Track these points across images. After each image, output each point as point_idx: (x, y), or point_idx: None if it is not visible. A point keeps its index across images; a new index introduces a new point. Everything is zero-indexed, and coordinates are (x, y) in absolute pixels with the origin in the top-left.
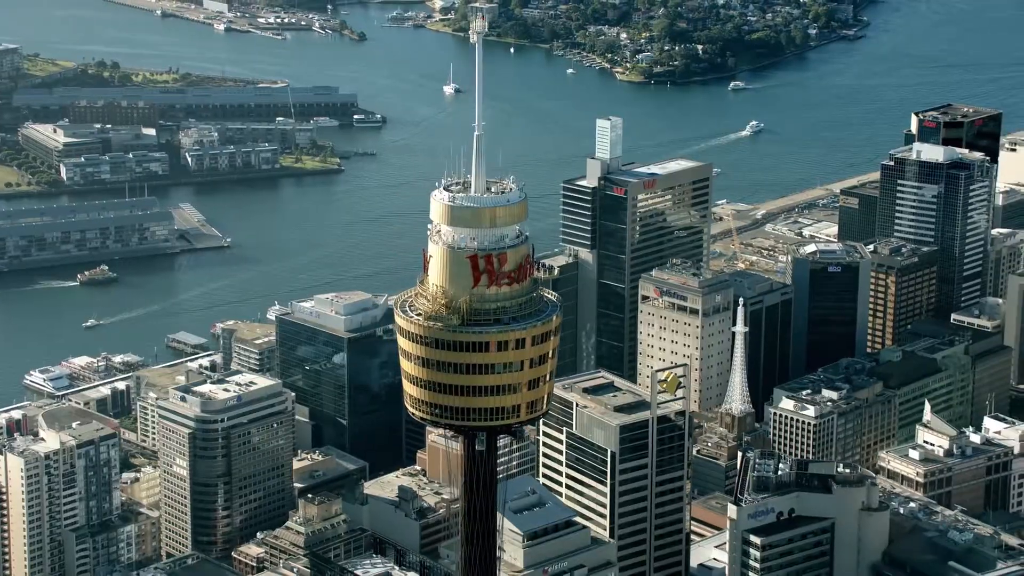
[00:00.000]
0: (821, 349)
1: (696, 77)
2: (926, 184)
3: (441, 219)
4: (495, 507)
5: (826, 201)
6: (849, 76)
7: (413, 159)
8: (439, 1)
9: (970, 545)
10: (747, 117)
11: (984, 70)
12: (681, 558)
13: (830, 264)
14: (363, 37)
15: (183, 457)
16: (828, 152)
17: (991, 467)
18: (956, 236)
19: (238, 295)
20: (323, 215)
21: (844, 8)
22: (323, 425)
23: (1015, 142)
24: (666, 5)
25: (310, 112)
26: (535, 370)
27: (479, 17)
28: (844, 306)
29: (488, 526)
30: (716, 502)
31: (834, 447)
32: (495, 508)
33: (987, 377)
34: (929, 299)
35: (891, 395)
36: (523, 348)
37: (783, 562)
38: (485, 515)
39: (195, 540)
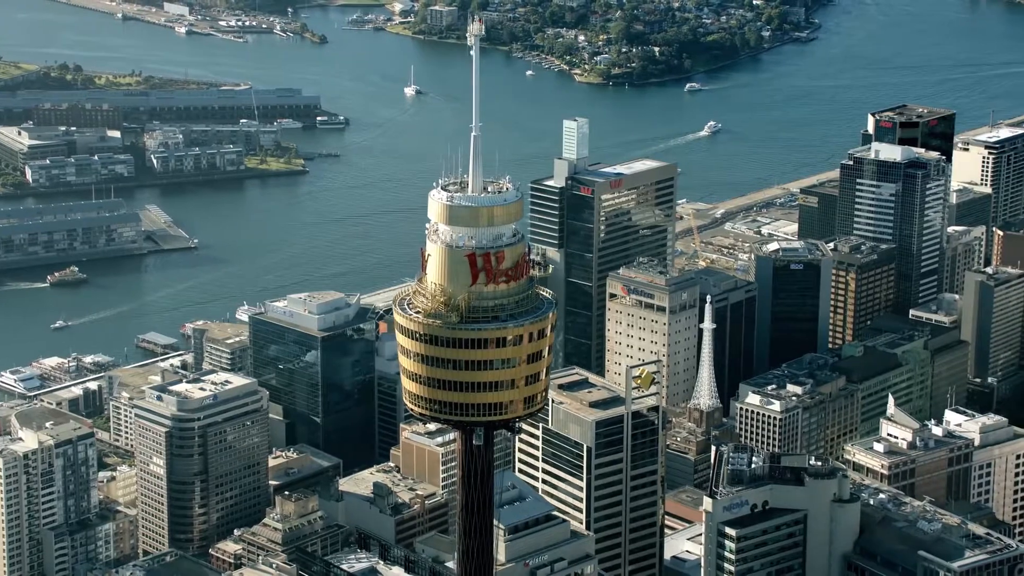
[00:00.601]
0: (784, 345)
1: (653, 79)
2: (884, 183)
3: (439, 218)
4: (492, 501)
5: (783, 200)
6: (802, 77)
7: (376, 160)
8: (398, 4)
9: (939, 535)
10: (704, 118)
11: (933, 71)
12: (655, 550)
13: (792, 262)
14: (324, 40)
15: (160, 456)
16: (784, 152)
17: (953, 459)
18: (913, 234)
19: (206, 295)
20: (288, 216)
21: (796, 11)
22: (297, 423)
23: (967, 142)
24: (623, 8)
25: (273, 114)
26: (532, 366)
27: (476, 20)
28: (806, 303)
29: (485, 519)
30: (686, 495)
31: (799, 440)
32: (492, 501)
33: (945, 371)
34: (888, 295)
35: (854, 389)
36: (520, 344)
37: (757, 553)
38: (482, 509)
39: (172, 538)
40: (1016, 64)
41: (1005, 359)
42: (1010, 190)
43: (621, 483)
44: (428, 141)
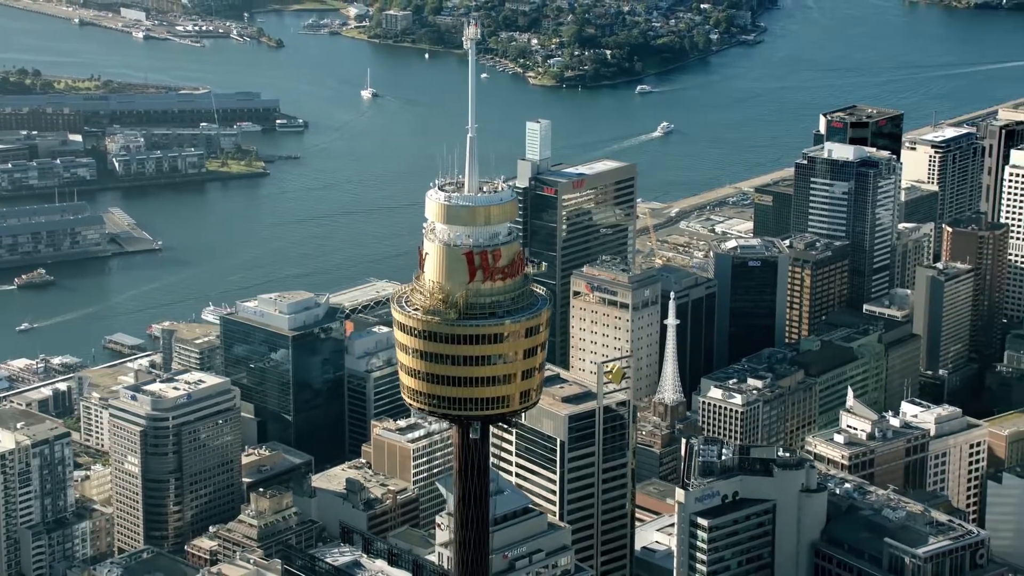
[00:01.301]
0: (743, 340)
1: (605, 81)
2: (837, 181)
3: (437, 217)
4: (488, 492)
5: (736, 199)
6: (750, 79)
7: (336, 162)
8: (353, 9)
9: (903, 522)
10: (656, 119)
11: (875, 73)
12: (626, 541)
13: (750, 259)
14: (281, 44)
15: (135, 454)
16: (734, 152)
17: (910, 448)
18: (866, 231)
19: (171, 297)
20: (250, 218)
21: (742, 14)
22: (268, 421)
23: (914, 141)
24: (574, 12)
25: (233, 117)
26: (528, 361)
27: (471, 24)
28: (764, 299)
29: (481, 511)
30: (653, 488)
31: (760, 433)
32: (488, 493)
33: (899, 364)
34: (842, 291)
35: (812, 382)
36: (517, 340)
37: (728, 543)
38: (479, 500)
39: (147, 535)
40: (954, 66)
41: (955, 352)
42: (956, 188)
43: (593, 476)
44: (386, 143)
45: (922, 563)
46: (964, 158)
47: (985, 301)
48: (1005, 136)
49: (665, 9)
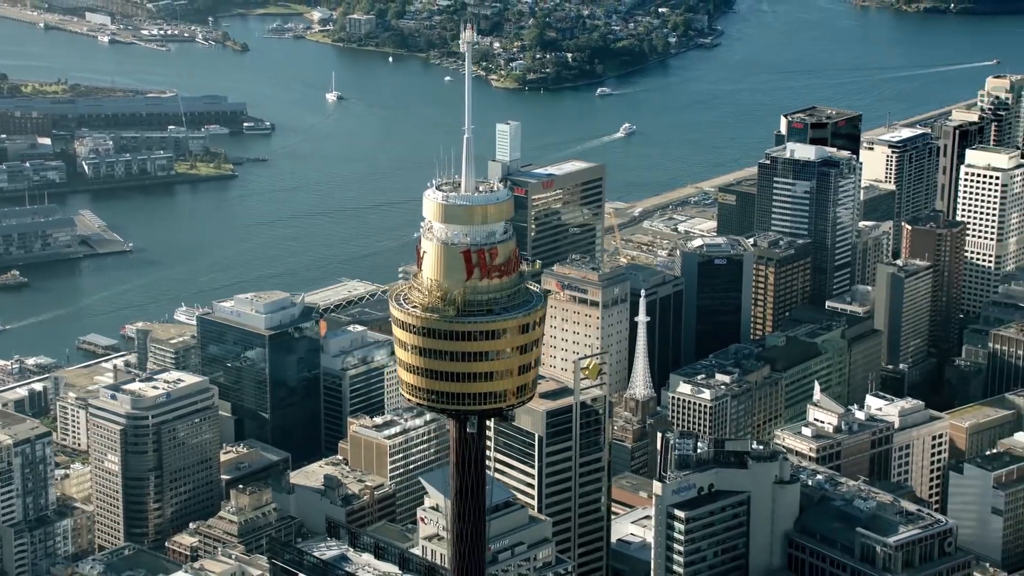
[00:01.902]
0: (709, 336)
1: (567, 83)
2: (799, 181)
3: (435, 217)
4: (484, 485)
5: (697, 198)
6: (708, 82)
7: (303, 164)
8: (317, 13)
9: (874, 512)
10: (617, 121)
11: (830, 76)
12: (603, 533)
13: (716, 257)
14: (246, 48)
15: (115, 453)
16: (694, 152)
17: (875, 441)
18: (828, 229)
19: (143, 298)
20: (220, 219)
21: (700, 18)
22: (245, 419)
23: (872, 141)
24: (535, 16)
25: (201, 120)
26: (524, 356)
27: (468, 28)
28: (729, 296)
29: (478, 504)
30: (626, 481)
31: (728, 427)
32: (484, 486)
33: (861, 359)
34: (804, 288)
35: (778, 377)
36: (513, 336)
37: (705, 534)
38: (475, 493)
39: (128, 532)
40: (905, 68)
41: (915, 346)
42: (912, 187)
43: (570, 470)
44: (352, 145)
45: (893, 551)
46: (920, 158)
47: (943, 297)
48: (959, 136)
49: (624, 13)
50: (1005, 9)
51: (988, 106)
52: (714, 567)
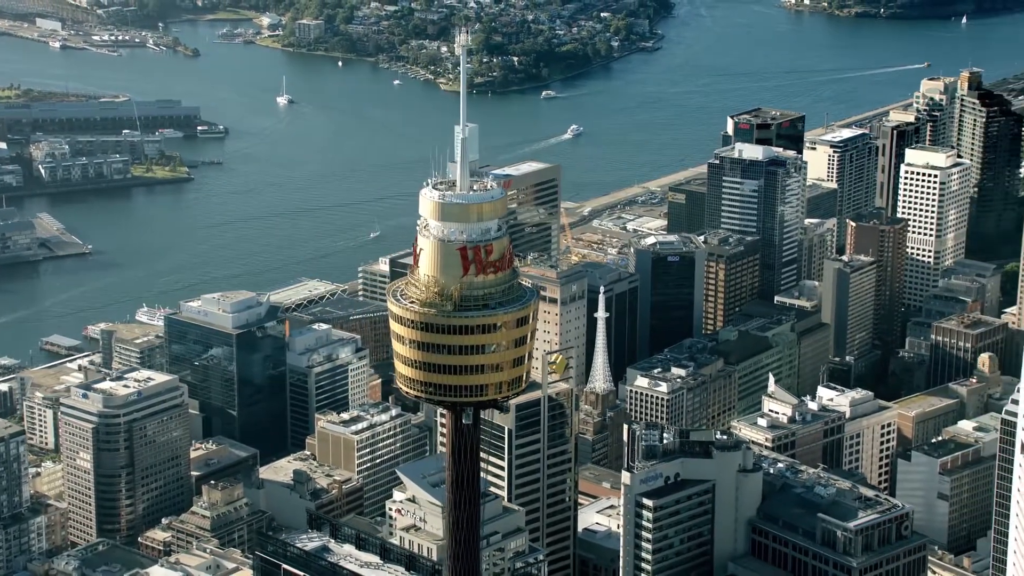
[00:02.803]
0: (663, 331)
1: (514, 87)
2: (747, 180)
3: (431, 215)
4: (479, 475)
5: (644, 198)
6: (650, 84)
7: (258, 167)
8: (266, 19)
9: (834, 498)
10: (563, 122)
11: (767, 78)
12: (570, 523)
13: (669, 255)
14: (197, 53)
15: (87, 451)
16: (640, 153)
17: (827, 430)
18: (775, 226)
19: (104, 299)
20: (178, 221)
21: (641, 23)
22: (212, 416)
23: (814, 141)
24: (481, 21)
25: (155, 124)
26: (517, 350)
27: (463, 31)
28: (682, 292)
29: (473, 493)
30: (589, 472)
31: (684, 419)
32: (479, 476)
33: (810, 352)
34: (753, 283)
35: (731, 370)
36: (508, 330)
37: (672, 522)
38: (471, 483)
39: (100, 529)
40: (839, 71)
41: (860, 339)
42: (853, 185)
43: (539, 462)
44: (305, 148)
45: (853, 536)
46: (860, 157)
47: (886, 291)
48: (896, 136)
49: (567, 18)
50: (932, 14)
51: (924, 107)
52: (681, 554)
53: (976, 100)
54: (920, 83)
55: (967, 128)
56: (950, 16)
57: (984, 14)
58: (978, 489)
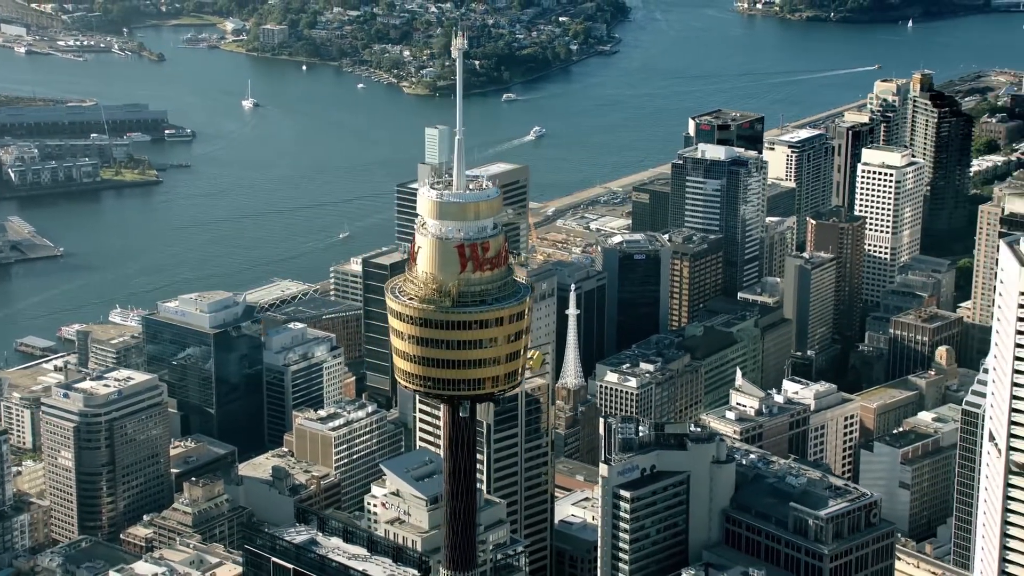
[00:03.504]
0: (630, 328)
1: (476, 90)
2: (710, 179)
3: (429, 214)
4: (475, 466)
5: (606, 198)
6: (609, 87)
7: (225, 169)
8: (230, 24)
9: (805, 488)
10: (525, 124)
11: (722, 81)
12: (547, 515)
13: (635, 253)
14: (162, 58)
15: (68, 449)
16: (601, 154)
17: (793, 422)
18: (737, 224)
19: (77, 300)
20: (148, 223)
21: (599, 27)
22: (190, 415)
23: (773, 142)
24: (443, 25)
25: (122, 128)
26: (513, 344)
27: (460, 35)
28: (648, 289)
29: (470, 483)
30: (562, 465)
31: (653, 412)
32: (475, 467)
33: (773, 346)
34: (716, 280)
35: (698, 365)
36: (504, 325)
37: (648, 512)
38: (467, 474)
39: (82, 525)
40: (792, 73)
41: (821, 334)
42: (811, 184)
43: (516, 455)
44: (272, 150)
45: (824, 524)
46: (817, 157)
47: (846, 287)
48: (852, 136)
49: (527, 22)
50: (880, 18)
51: (877, 108)
52: (657, 543)
53: (928, 101)
54: (871, 85)
55: (919, 128)
56: (897, 20)
57: (930, 18)
58: (938, 478)
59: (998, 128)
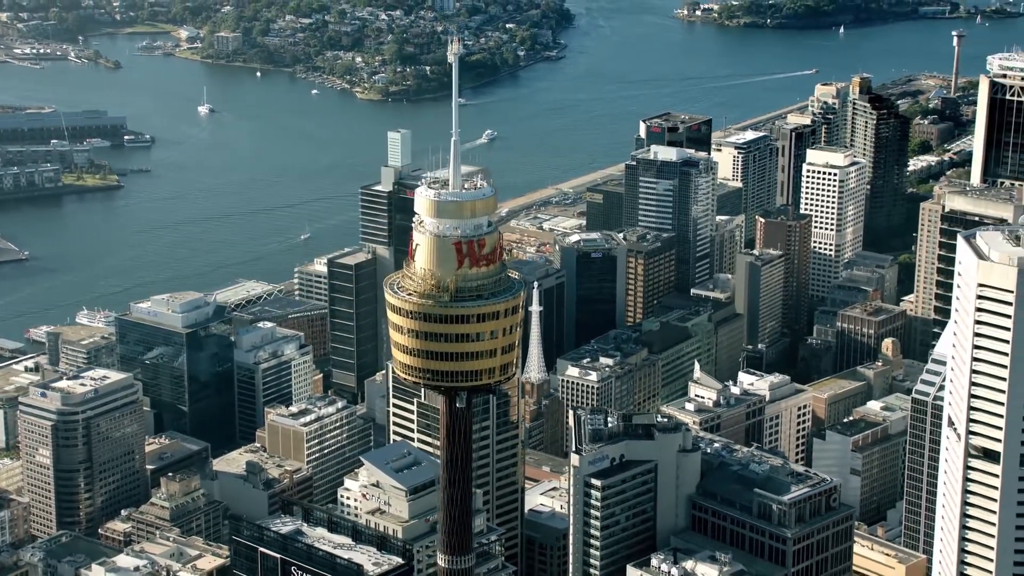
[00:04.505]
0: (588, 324)
1: (427, 95)
2: (662, 180)
3: (427, 212)
4: (471, 455)
5: (558, 198)
6: (556, 92)
7: (185, 174)
8: (184, 32)
9: (768, 474)
10: (476, 128)
11: (665, 85)
12: (518, 504)
13: (593, 251)
14: (118, 65)
15: (46, 447)
16: (551, 157)
17: (749, 412)
18: (689, 223)
19: (43, 303)
20: (111, 227)
21: (544, 33)
22: (163, 412)
23: (720, 143)
24: (393, 32)
25: (82, 134)
26: (508, 337)
27: (455, 41)
28: (605, 286)
29: (466, 471)
30: (529, 457)
31: (613, 405)
32: (471, 455)
33: (726, 340)
34: (669, 277)
35: (655, 359)
36: (499, 319)
37: (618, 500)
38: (463, 462)
39: (60, 521)
40: (731, 77)
41: (771, 328)
42: (756, 184)
43: (488, 447)
44: (230, 155)
45: (787, 508)
46: (762, 157)
47: (794, 283)
48: (795, 138)
49: (475, 29)
50: (814, 25)
51: (818, 110)
52: (627, 530)
53: (867, 104)
54: (808, 88)
55: (859, 130)
56: (830, 26)
57: (861, 24)
58: (887, 464)
59: (930, 129)
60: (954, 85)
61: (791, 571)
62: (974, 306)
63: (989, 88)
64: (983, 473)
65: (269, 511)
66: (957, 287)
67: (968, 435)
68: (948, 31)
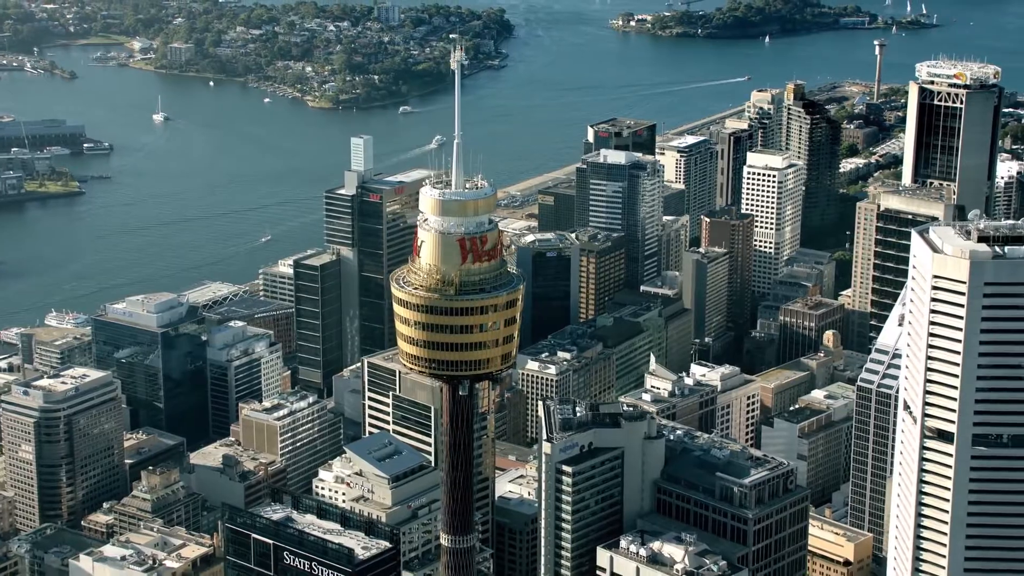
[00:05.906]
0: (543, 320)
1: (376, 103)
2: (611, 182)
3: (431, 210)
4: (472, 440)
5: (507, 201)
6: (500, 99)
7: (144, 180)
8: (137, 43)
9: (729, 459)
10: (424, 134)
11: (603, 92)
12: (488, 492)
13: (547, 251)
14: (74, 76)
15: (28, 443)
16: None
17: (703, 402)
18: (637, 223)
19: (10, 306)
20: (74, 232)
21: (487, 43)
22: (139, 409)
23: (663, 147)
24: (342, 42)
25: (42, 142)
26: (508, 328)
27: (457, 48)
28: (560, 284)
29: (468, 456)
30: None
31: (571, 396)
32: (472, 440)
33: (675, 334)
34: (619, 275)
35: (610, 353)
36: (501, 311)
37: (588, 485)
38: (465, 447)
39: (43, 514)
40: (667, 84)
41: (717, 322)
42: (698, 185)
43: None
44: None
45: (748, 491)
46: (703, 160)
47: (738, 279)
48: (733, 141)
49: (420, 39)
50: (743, 34)
51: (755, 115)
52: (596, 514)
53: (801, 109)
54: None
55: (794, 133)
56: (758, 36)
57: (786, 34)
58: (831, 449)
59: (856, 133)
60: (876, 91)
61: (752, 549)
62: (929, 296)
63: (918, 94)
64: (938, 452)
65: (245, 502)
66: (912, 279)
67: (924, 418)
68: (868, 41)
